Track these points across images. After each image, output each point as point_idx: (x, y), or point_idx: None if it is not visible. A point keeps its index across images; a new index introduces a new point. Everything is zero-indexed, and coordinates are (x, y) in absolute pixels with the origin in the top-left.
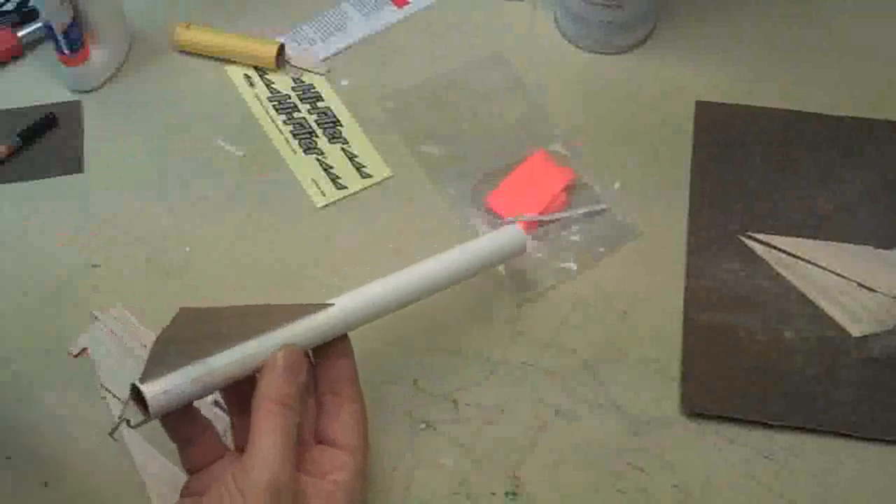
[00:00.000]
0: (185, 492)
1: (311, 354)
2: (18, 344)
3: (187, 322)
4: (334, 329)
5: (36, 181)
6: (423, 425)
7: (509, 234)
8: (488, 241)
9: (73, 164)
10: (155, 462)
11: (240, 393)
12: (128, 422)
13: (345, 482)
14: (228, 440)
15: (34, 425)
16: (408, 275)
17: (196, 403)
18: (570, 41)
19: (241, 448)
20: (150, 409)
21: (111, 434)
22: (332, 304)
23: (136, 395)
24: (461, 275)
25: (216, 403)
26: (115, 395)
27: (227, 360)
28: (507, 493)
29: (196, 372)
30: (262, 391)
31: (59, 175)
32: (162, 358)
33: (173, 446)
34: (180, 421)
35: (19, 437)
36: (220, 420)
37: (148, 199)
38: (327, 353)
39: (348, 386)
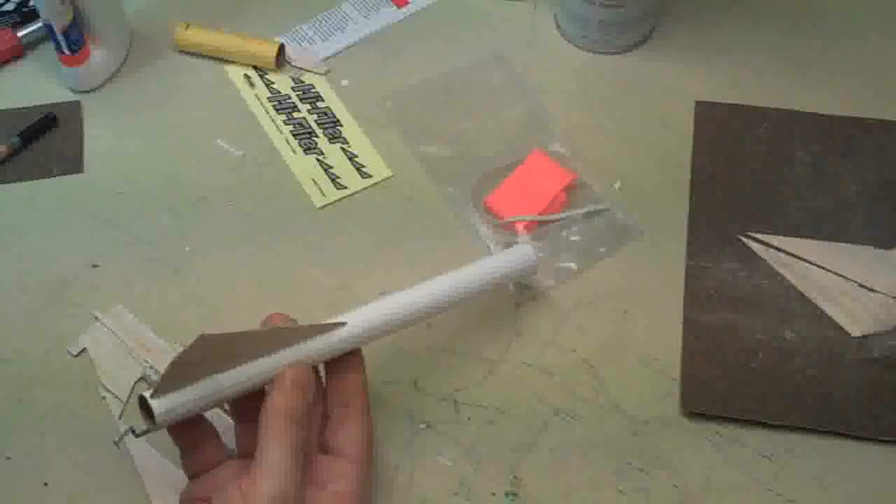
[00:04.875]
0: (185, 496)
1: (319, 368)
2: (18, 344)
3: (204, 347)
4: (344, 346)
5: (36, 181)
6: (423, 425)
7: (521, 254)
8: (499, 261)
9: (73, 164)
10: (155, 462)
11: (245, 401)
12: (133, 431)
13: (347, 493)
14: (229, 440)
15: (34, 425)
16: (418, 292)
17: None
18: (570, 41)
19: (243, 454)
20: (157, 422)
21: (117, 443)
22: (343, 324)
23: (143, 404)
24: (470, 294)
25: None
26: (115, 395)
27: (237, 378)
28: (507, 493)
29: (205, 389)
30: (271, 406)
31: (59, 175)
32: (175, 376)
33: (174, 447)
34: (185, 428)
35: (19, 437)
36: (219, 420)
37: (148, 199)
38: (339, 365)
39: (357, 398)
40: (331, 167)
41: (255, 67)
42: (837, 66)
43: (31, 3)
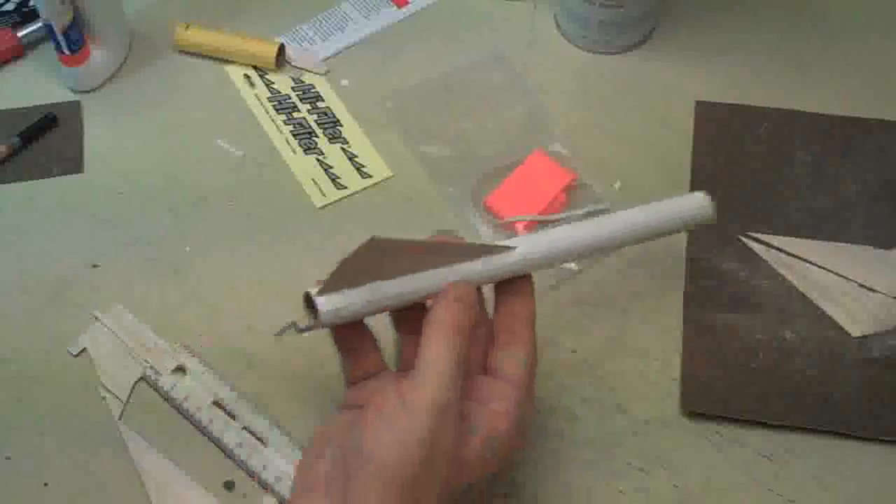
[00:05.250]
0: (344, 405)
1: (485, 291)
2: (18, 344)
3: (375, 250)
4: (512, 270)
5: (36, 181)
6: None
7: (695, 201)
8: (672, 205)
9: (73, 164)
10: (155, 462)
11: (408, 312)
12: (296, 326)
13: (504, 412)
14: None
15: (34, 425)
16: (589, 227)
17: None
18: (570, 41)
19: (405, 366)
20: (322, 320)
21: (277, 335)
22: (513, 248)
23: (308, 303)
24: (639, 235)
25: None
26: (115, 395)
27: (402, 287)
28: (507, 494)
29: (370, 293)
30: (434, 317)
31: (59, 175)
32: (342, 276)
33: (173, 446)
34: (348, 332)
35: (19, 437)
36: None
37: (148, 199)
38: (508, 289)
39: (522, 325)
40: (331, 167)
41: (255, 67)
42: (837, 66)
43: (31, 3)
